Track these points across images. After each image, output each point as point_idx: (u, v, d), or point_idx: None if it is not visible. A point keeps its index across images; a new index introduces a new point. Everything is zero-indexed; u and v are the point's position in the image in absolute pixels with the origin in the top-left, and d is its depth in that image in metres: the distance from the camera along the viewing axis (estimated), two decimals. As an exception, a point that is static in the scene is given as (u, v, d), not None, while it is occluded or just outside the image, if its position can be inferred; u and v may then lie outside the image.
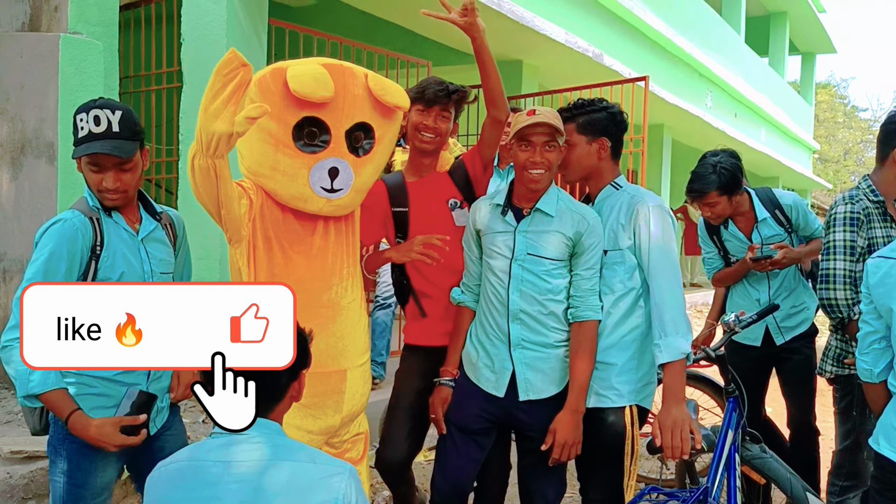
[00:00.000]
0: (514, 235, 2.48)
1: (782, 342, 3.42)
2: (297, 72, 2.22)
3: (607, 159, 2.55)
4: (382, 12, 6.38)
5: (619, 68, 8.17)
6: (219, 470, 1.60)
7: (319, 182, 2.29)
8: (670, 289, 2.39)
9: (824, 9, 19.46)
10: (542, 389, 2.48)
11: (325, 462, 1.68)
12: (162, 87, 5.16)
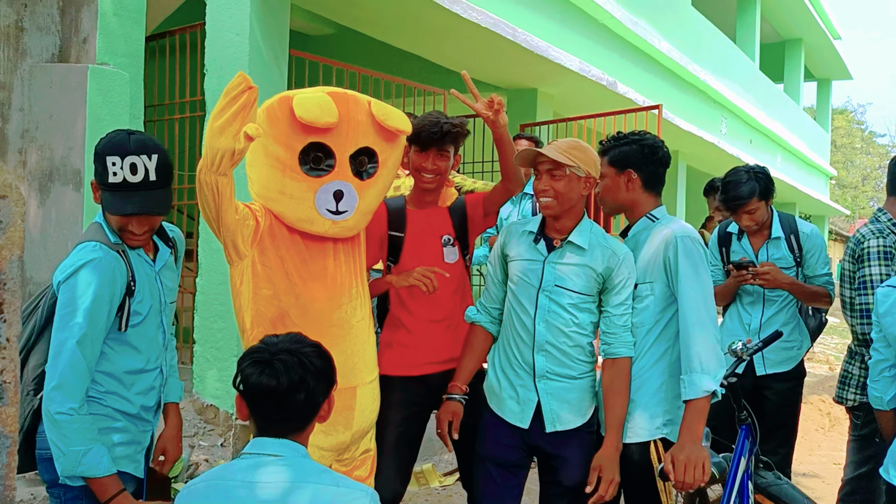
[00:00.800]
0: (544, 265, 2.48)
1: (762, 373, 3.37)
2: (302, 99, 2.31)
3: (638, 191, 2.55)
4: (399, 42, 6.50)
5: (633, 96, 8.23)
6: (245, 491, 1.66)
7: (325, 204, 2.37)
8: (699, 323, 2.36)
9: (840, 35, 19.48)
10: (568, 420, 2.47)
11: (347, 485, 1.73)
12: (185, 115, 5.28)
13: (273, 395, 1.70)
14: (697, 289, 2.37)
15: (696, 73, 10.65)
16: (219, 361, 4.61)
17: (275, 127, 2.34)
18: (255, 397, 1.72)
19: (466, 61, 6.95)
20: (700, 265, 2.40)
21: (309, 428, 1.81)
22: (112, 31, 4.59)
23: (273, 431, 1.76)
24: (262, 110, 2.36)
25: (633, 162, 2.54)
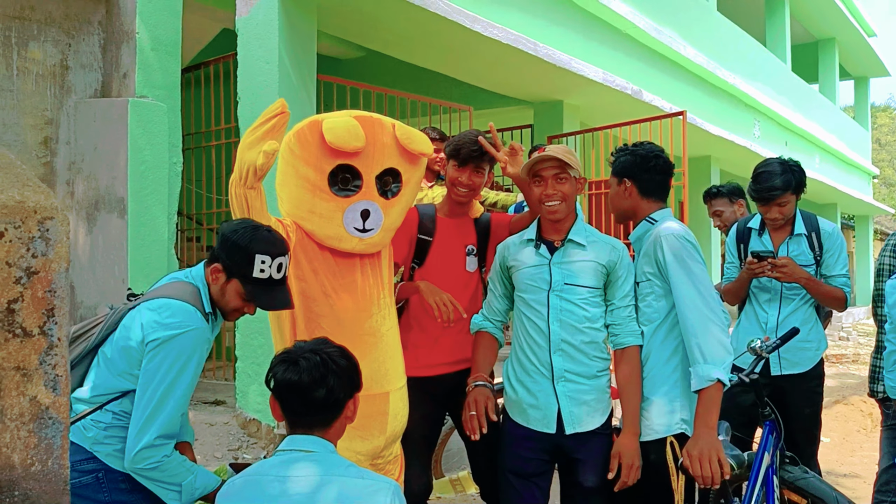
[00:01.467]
0: (549, 267, 2.59)
1: (777, 373, 3.32)
2: (332, 124, 2.44)
3: (636, 198, 2.65)
4: (424, 62, 6.67)
5: (659, 104, 8.28)
6: (278, 485, 1.80)
7: (353, 223, 2.50)
8: (695, 315, 2.41)
9: (874, 32, 19.20)
10: (586, 422, 2.54)
11: (371, 478, 1.86)
12: (221, 142, 5.52)
13: (296, 390, 1.85)
14: (688, 282, 2.43)
15: (724, 78, 10.64)
16: (259, 377, 4.79)
17: (305, 150, 2.47)
18: (281, 392, 1.87)
19: (491, 77, 7.11)
20: (688, 258, 2.46)
21: (335, 426, 1.93)
22: (150, 66, 4.84)
23: (301, 427, 1.90)
24: (292, 134, 2.51)
25: (628, 172, 2.65)
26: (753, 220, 3.53)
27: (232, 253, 2.14)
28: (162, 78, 4.90)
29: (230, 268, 2.15)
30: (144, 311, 2.09)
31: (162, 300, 2.11)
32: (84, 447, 2.06)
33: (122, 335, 2.10)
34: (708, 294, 2.44)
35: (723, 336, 2.40)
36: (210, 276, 2.18)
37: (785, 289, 3.36)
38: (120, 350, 2.08)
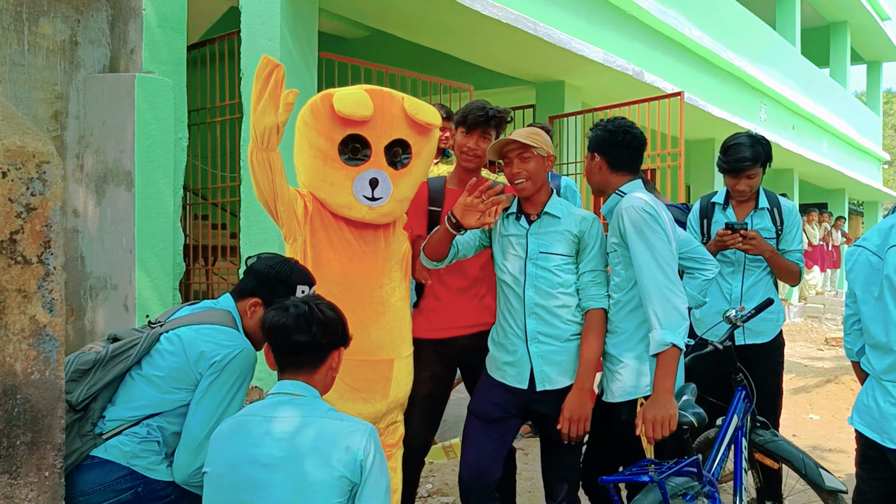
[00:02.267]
0: (527, 238, 2.76)
1: (742, 343, 3.40)
2: (341, 95, 2.60)
3: (606, 172, 2.76)
4: (426, 41, 6.80)
5: (661, 84, 8.35)
6: (264, 425, 1.96)
7: (361, 191, 2.65)
8: (652, 283, 2.51)
9: (888, 16, 19.07)
10: (556, 381, 2.72)
11: (350, 420, 2.02)
12: (225, 118, 5.65)
13: (283, 332, 2.01)
14: (646, 252, 2.53)
15: (730, 60, 10.67)
16: (261, 345, 4.96)
17: (318, 121, 2.62)
18: (271, 334, 2.04)
19: (492, 56, 7.21)
20: (646, 229, 2.55)
21: (320, 373, 2.08)
22: (156, 42, 4.98)
23: (289, 372, 2.06)
24: (306, 107, 2.68)
25: (598, 147, 2.78)
26: (717, 195, 3.63)
27: (275, 287, 2.34)
28: (168, 54, 5.04)
29: (269, 297, 2.32)
30: (203, 334, 2.23)
31: (215, 326, 2.27)
32: (120, 464, 2.11)
33: (172, 356, 2.20)
34: (665, 263, 2.54)
35: (679, 303, 2.51)
36: (248, 309, 2.36)
37: (748, 261, 3.46)
38: (171, 370, 2.19)
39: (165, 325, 2.28)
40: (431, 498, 4.14)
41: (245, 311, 2.36)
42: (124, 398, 2.18)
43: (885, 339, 2.36)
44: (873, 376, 2.45)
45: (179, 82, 5.06)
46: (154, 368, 2.20)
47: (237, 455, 1.92)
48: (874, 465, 2.45)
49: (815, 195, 18.37)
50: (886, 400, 2.36)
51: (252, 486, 1.87)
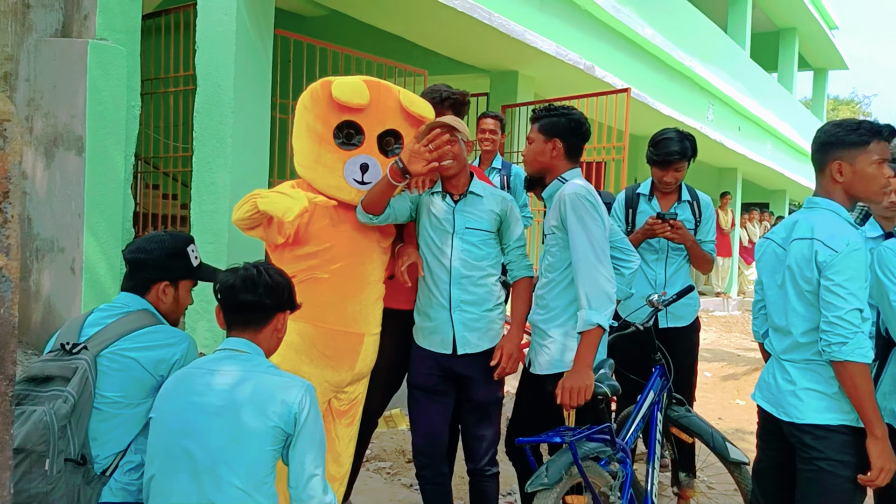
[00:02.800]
0: (454, 214, 2.96)
1: (665, 326, 3.65)
2: (340, 82, 2.79)
3: (560, 157, 2.92)
4: (385, 25, 6.89)
5: (611, 80, 8.59)
6: (207, 377, 2.08)
7: (352, 175, 2.85)
8: (585, 266, 2.71)
9: (837, 25, 19.68)
10: (476, 345, 2.94)
11: (287, 377, 2.15)
12: (179, 89, 5.69)
13: (232, 291, 2.15)
14: (582, 236, 2.72)
15: (681, 60, 10.97)
16: (208, 314, 5.04)
17: (316, 105, 2.81)
18: (220, 293, 2.17)
19: (448, 43, 7.35)
20: (586, 216, 2.74)
21: (265, 332, 2.21)
22: (111, 9, 4.98)
23: (236, 329, 2.19)
24: (306, 92, 2.86)
25: (561, 133, 2.92)
26: (642, 186, 3.82)
27: (170, 261, 2.39)
28: (123, 22, 5.05)
29: (174, 275, 2.40)
30: (146, 341, 2.26)
31: (150, 329, 2.29)
32: (130, 501, 2.20)
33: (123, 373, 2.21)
34: (599, 248, 2.73)
35: (608, 287, 2.71)
36: (161, 295, 2.39)
37: (671, 250, 3.69)
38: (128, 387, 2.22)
39: (91, 345, 2.21)
40: (369, 462, 4.30)
41: (157, 299, 2.39)
42: (102, 431, 2.19)
43: (784, 322, 2.57)
44: (774, 356, 2.66)
45: (133, 50, 5.07)
46: (109, 391, 2.20)
47: (180, 403, 2.04)
48: (771, 437, 2.67)
49: (758, 195, 18.97)
50: (783, 378, 2.57)
51: (192, 431, 2.00)
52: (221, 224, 5.00)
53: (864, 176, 2.46)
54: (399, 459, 4.45)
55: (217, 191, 5.01)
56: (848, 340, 2.32)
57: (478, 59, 7.92)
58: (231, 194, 4.95)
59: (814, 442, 2.43)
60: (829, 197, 2.51)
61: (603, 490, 2.79)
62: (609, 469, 2.84)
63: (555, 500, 2.59)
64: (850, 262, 2.36)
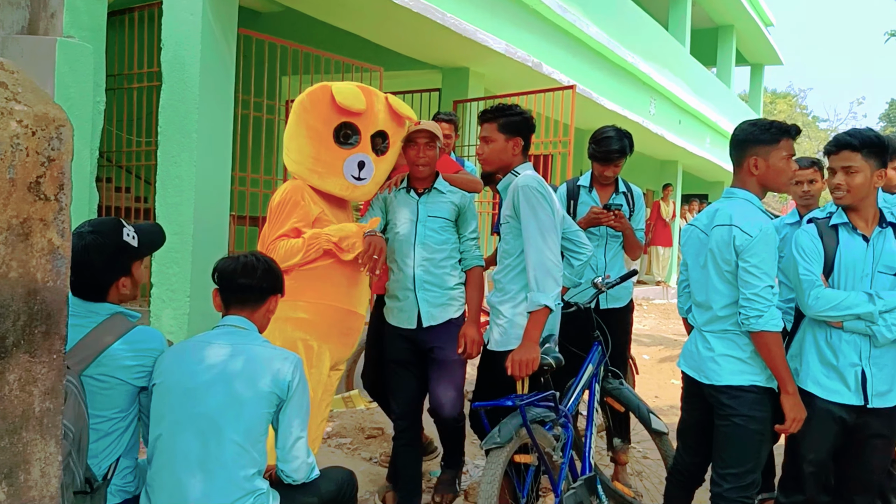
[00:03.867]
0: (417, 205, 3.36)
1: (605, 307, 3.98)
2: (340, 89, 3.11)
3: (518, 153, 3.23)
4: (340, 22, 7.14)
5: (558, 77, 8.99)
6: (203, 349, 2.36)
7: (350, 171, 3.19)
8: (535, 252, 3.01)
9: (772, 22, 20.49)
10: (438, 318, 3.35)
11: (278, 350, 2.45)
12: (143, 85, 5.86)
13: (232, 275, 2.45)
14: (533, 223, 3.03)
15: (624, 57, 11.43)
16: (173, 302, 5.26)
17: (316, 107, 3.12)
18: (220, 277, 2.47)
19: (402, 41, 7.63)
20: (536, 205, 3.05)
21: (260, 312, 2.50)
22: (77, 7, 5.14)
23: (234, 308, 2.47)
24: (304, 94, 3.15)
25: (520, 131, 3.23)
26: (583, 178, 4.16)
27: (115, 255, 2.30)
28: (88, 19, 5.21)
29: (123, 265, 2.34)
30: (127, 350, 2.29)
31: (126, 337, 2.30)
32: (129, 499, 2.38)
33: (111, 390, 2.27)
34: (548, 235, 3.04)
35: (556, 272, 3.04)
36: (120, 290, 2.34)
37: (609, 237, 4.04)
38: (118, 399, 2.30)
39: (71, 363, 2.11)
40: (331, 439, 4.60)
41: (120, 293, 2.36)
42: (99, 448, 2.27)
43: (705, 298, 2.95)
44: (696, 328, 3.05)
45: (99, 48, 5.22)
46: (102, 410, 2.26)
47: (186, 371, 2.32)
48: (693, 399, 3.06)
49: (698, 186, 19.71)
50: (704, 346, 2.96)
51: (198, 396, 2.28)
52: (186, 216, 5.21)
53: (775, 169, 2.86)
54: (359, 436, 4.75)
55: (182, 184, 5.21)
56: (763, 313, 2.71)
57: (431, 56, 8.24)
58: (195, 187, 5.17)
59: (729, 401, 2.82)
60: (744, 188, 2.90)
61: (547, 451, 3.14)
62: (553, 432, 3.19)
63: (506, 457, 2.92)
64: (763, 245, 2.74)
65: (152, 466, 2.32)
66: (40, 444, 1.54)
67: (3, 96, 1.47)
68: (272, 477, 2.45)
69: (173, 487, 2.26)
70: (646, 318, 12.32)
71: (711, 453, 2.94)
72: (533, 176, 3.16)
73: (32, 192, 1.50)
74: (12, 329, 1.47)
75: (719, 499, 2.84)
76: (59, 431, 1.58)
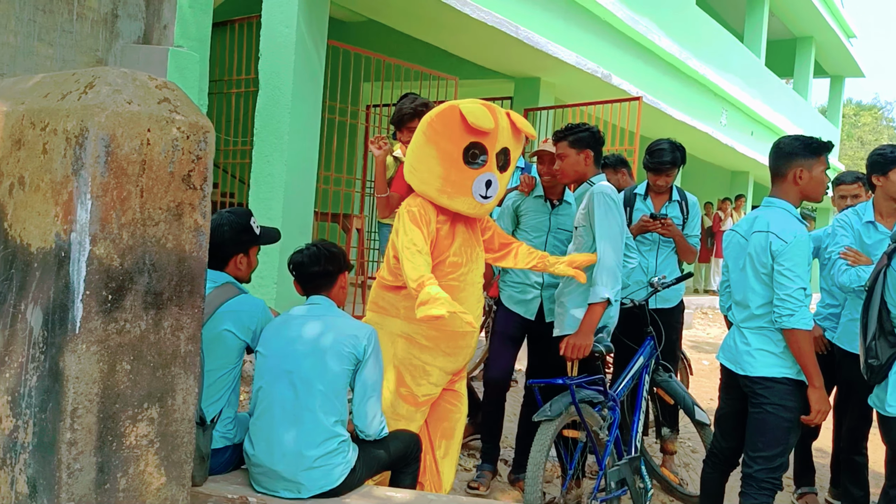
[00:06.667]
0: (550, 217, 3.91)
1: (654, 307, 4.10)
2: (469, 109, 3.06)
3: (591, 165, 3.66)
4: (419, 34, 7.60)
5: (627, 87, 9.23)
6: (296, 321, 2.82)
7: (479, 191, 3.15)
8: (603, 251, 3.38)
9: (854, 34, 20.06)
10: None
11: (355, 321, 2.88)
12: (241, 90, 6.43)
13: (302, 266, 2.90)
14: (605, 226, 3.43)
15: (696, 68, 11.56)
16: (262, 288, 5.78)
17: (447, 128, 3.08)
18: (294, 269, 2.93)
19: (477, 52, 8.04)
20: (608, 211, 3.43)
21: (334, 291, 2.94)
22: (186, 19, 5.73)
23: (312, 291, 2.92)
24: (434, 117, 3.13)
25: (591, 145, 3.65)
26: (639, 187, 4.45)
27: (240, 236, 2.91)
28: (195, 31, 5.78)
29: (245, 246, 2.94)
30: (237, 307, 2.83)
31: (235, 299, 2.84)
32: (226, 446, 2.87)
33: (220, 343, 2.78)
34: (617, 239, 3.43)
35: (618, 271, 3.42)
36: (237, 266, 2.94)
37: (661, 242, 4.30)
38: (225, 353, 2.81)
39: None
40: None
41: (235, 269, 2.93)
42: (209, 394, 2.76)
43: (743, 297, 3.23)
44: (735, 324, 3.33)
45: (203, 56, 5.80)
46: (213, 361, 2.74)
47: (282, 340, 2.79)
48: (730, 389, 3.34)
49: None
50: (741, 341, 3.23)
51: (291, 358, 2.74)
52: (276, 210, 5.73)
53: (817, 180, 3.13)
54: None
55: (273, 181, 5.74)
56: (795, 312, 2.97)
57: (503, 67, 8.61)
58: (285, 184, 5.69)
59: (762, 390, 3.09)
60: (783, 198, 3.17)
61: (594, 429, 3.47)
62: (601, 413, 3.52)
63: (555, 430, 3.26)
64: (797, 250, 3.01)
65: (254, 416, 2.78)
66: (183, 377, 2.00)
67: (168, 108, 1.93)
68: (351, 432, 2.88)
69: (271, 433, 2.71)
70: (711, 325, 12.37)
71: (745, 439, 3.22)
72: (608, 185, 3.56)
73: (185, 182, 1.95)
74: (167, 287, 1.93)
75: (750, 479, 3.12)
76: (197, 370, 2.03)
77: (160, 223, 1.88)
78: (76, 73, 1.98)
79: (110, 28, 5.89)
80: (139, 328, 1.86)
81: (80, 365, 1.74)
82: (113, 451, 1.81)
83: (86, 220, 1.74)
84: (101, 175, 1.76)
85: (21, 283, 1.87)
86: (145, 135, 1.84)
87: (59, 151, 1.81)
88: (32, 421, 1.81)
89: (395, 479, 3.06)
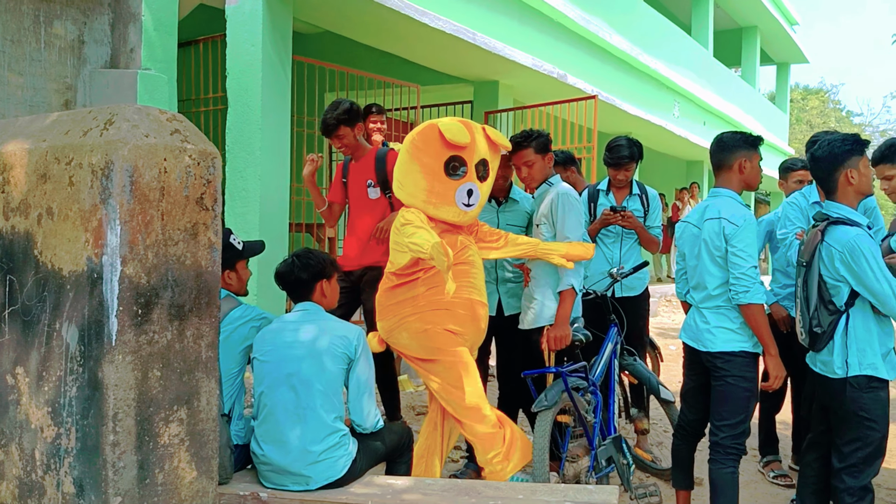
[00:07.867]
0: (498, 214, 4.18)
1: (620, 296, 4.45)
2: (447, 126, 3.40)
3: (551, 167, 3.98)
4: (380, 44, 7.81)
5: (582, 86, 9.55)
6: (289, 326, 3.03)
7: (462, 199, 3.46)
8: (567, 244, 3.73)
9: (797, 21, 20.70)
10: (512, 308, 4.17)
11: (343, 323, 3.10)
12: (210, 108, 6.59)
13: (280, 276, 3.16)
14: (569, 225, 3.75)
15: (647, 63, 11.93)
16: (241, 300, 5.95)
17: (428, 145, 3.41)
18: (277, 280, 3.17)
19: (436, 59, 8.28)
20: (572, 210, 3.75)
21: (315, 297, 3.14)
22: (152, 42, 5.88)
23: (297, 298, 3.14)
24: (415, 134, 3.48)
25: (548, 147, 3.96)
26: (601, 183, 4.73)
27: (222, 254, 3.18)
28: (161, 53, 5.94)
29: (229, 262, 3.14)
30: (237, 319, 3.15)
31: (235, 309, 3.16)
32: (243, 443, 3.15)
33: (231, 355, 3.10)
34: (579, 234, 3.77)
35: (579, 263, 3.75)
36: (226, 280, 3.19)
37: (624, 234, 4.58)
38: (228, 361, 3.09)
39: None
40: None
41: (226, 283, 3.19)
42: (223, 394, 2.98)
43: (700, 281, 3.52)
44: (694, 305, 3.61)
45: (171, 77, 5.95)
46: (224, 365, 2.96)
47: (278, 345, 3.00)
48: (693, 365, 3.62)
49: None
50: (701, 320, 3.51)
51: (288, 361, 2.96)
52: (252, 223, 5.91)
53: (756, 170, 3.47)
54: (409, 413, 5.39)
55: (248, 196, 5.92)
56: (750, 289, 3.27)
57: (463, 72, 8.87)
58: (260, 198, 5.87)
59: (723, 364, 3.38)
60: (728, 187, 3.48)
61: (582, 413, 3.75)
62: (584, 398, 3.79)
63: (552, 417, 3.53)
64: (747, 232, 3.31)
65: (259, 418, 2.99)
66: (205, 381, 2.20)
67: (180, 139, 2.14)
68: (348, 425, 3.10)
69: (277, 433, 2.92)
70: (675, 312, 12.76)
71: (709, 410, 3.50)
72: (568, 186, 3.94)
73: (199, 204, 2.16)
74: (188, 300, 2.13)
75: (717, 446, 3.40)
76: (217, 373, 2.24)
77: (179, 242, 2.08)
78: (92, 111, 2.18)
79: (77, 54, 6.01)
80: (166, 338, 2.06)
81: (118, 374, 1.95)
82: (150, 449, 2.01)
83: (116, 244, 1.95)
84: (127, 202, 1.96)
85: (55, 304, 2.07)
86: (162, 164, 2.05)
87: (85, 183, 2.01)
88: (75, 427, 2.00)
89: (391, 468, 3.30)
